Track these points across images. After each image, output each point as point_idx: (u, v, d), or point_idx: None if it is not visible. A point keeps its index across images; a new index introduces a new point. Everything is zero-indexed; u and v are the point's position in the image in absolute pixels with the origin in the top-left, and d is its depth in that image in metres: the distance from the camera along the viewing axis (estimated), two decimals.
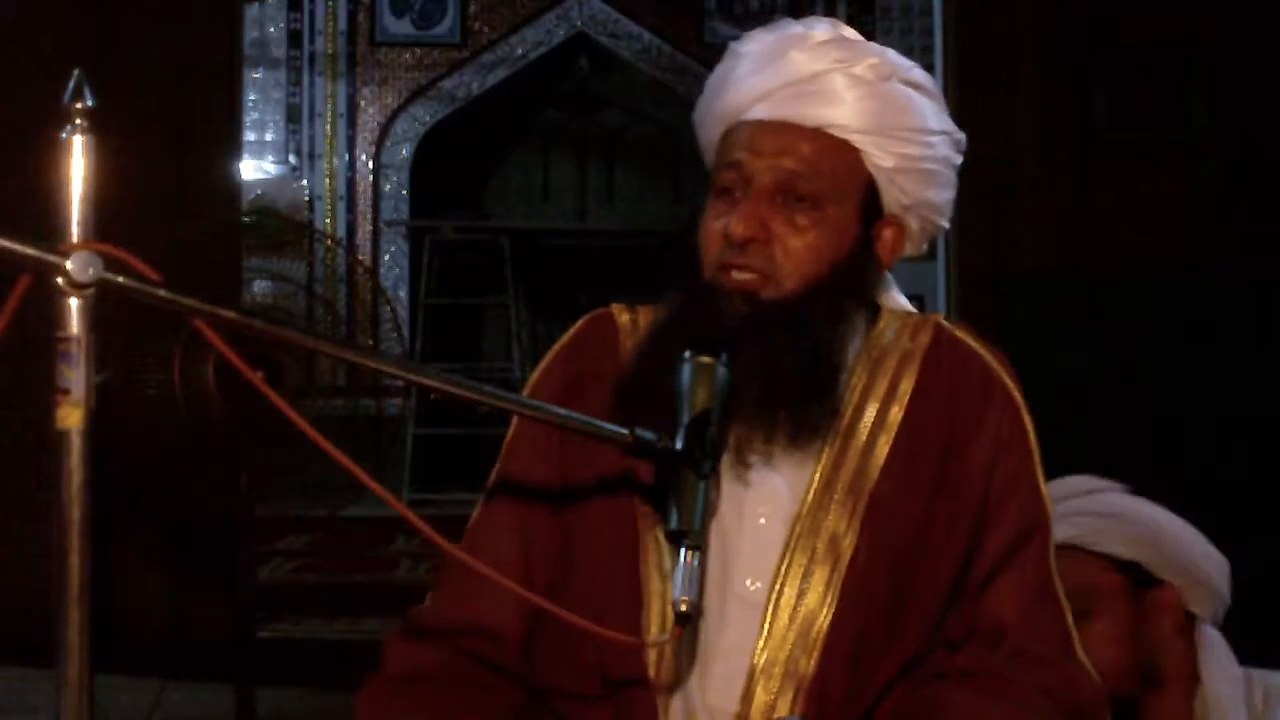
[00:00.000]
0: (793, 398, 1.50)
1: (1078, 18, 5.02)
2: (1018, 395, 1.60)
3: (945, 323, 1.65)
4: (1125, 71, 5.02)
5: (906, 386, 1.58)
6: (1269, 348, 4.93)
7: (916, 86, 1.58)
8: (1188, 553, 2.00)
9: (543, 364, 1.67)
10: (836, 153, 1.52)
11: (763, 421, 1.50)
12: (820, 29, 1.58)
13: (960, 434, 1.57)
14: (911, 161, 1.55)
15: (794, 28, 1.59)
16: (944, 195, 1.60)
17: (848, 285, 1.54)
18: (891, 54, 1.58)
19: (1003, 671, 1.52)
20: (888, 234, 1.58)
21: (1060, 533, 1.92)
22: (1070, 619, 1.58)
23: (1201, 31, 5.01)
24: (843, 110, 1.52)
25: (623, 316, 1.66)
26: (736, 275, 1.50)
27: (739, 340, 1.47)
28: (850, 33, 1.59)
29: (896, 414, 1.57)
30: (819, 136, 1.52)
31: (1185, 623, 1.98)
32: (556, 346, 1.68)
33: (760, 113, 1.54)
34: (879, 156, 1.54)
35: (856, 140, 1.53)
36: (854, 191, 1.53)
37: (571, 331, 1.68)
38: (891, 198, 1.56)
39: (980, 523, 1.56)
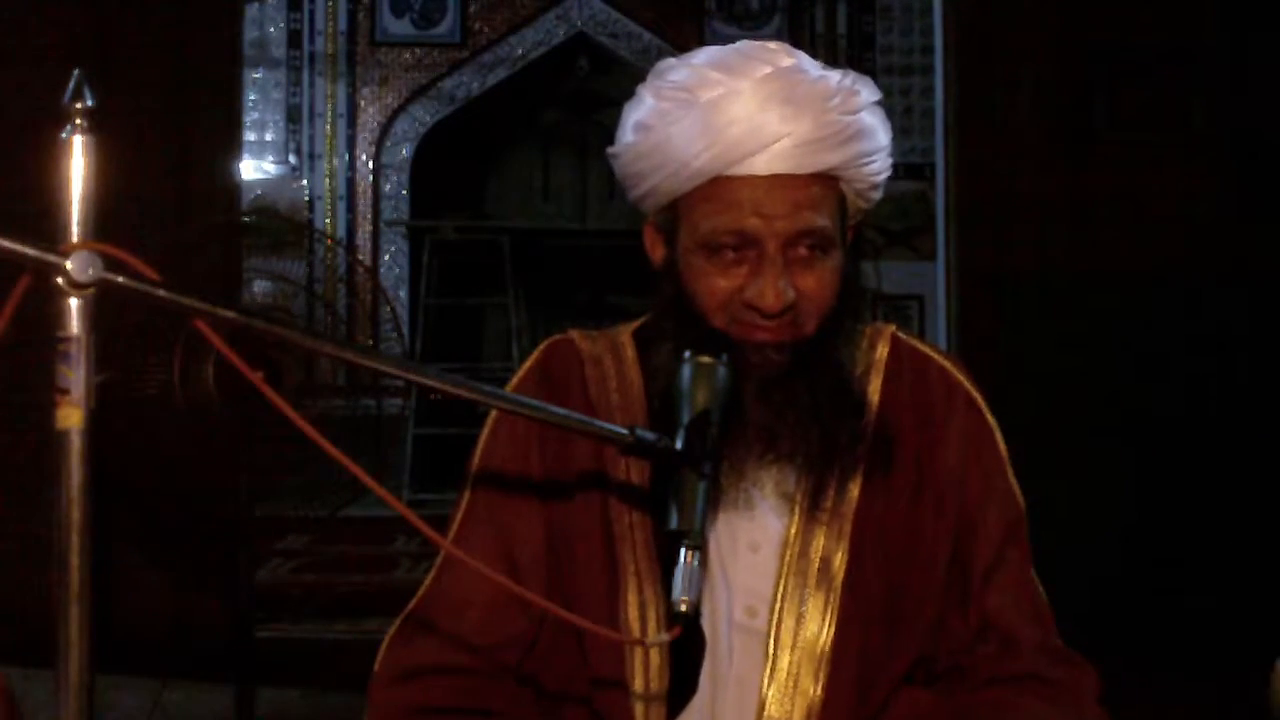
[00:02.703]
0: (837, 430, 1.52)
1: (1077, 18, 5.02)
2: (979, 398, 1.64)
3: (900, 333, 1.67)
4: (1125, 71, 5.02)
5: (873, 399, 1.60)
6: (1268, 347, 4.93)
7: (880, 105, 1.57)
8: None
9: (509, 389, 1.65)
10: (827, 190, 1.51)
11: (806, 458, 1.52)
12: (787, 61, 1.52)
13: (929, 441, 1.60)
14: (877, 176, 1.56)
15: (758, 68, 1.51)
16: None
17: (851, 304, 1.56)
18: (850, 80, 1.54)
19: (1042, 671, 1.56)
20: (850, 237, 1.59)
21: None
22: (1047, 604, 1.63)
23: (1201, 31, 5.01)
24: (832, 155, 1.50)
25: (583, 344, 1.67)
26: (763, 335, 1.50)
27: (775, 385, 1.49)
28: (807, 61, 1.55)
29: (868, 427, 1.58)
30: (817, 181, 1.50)
31: None
32: (521, 374, 1.68)
33: (751, 168, 1.48)
34: (856, 183, 1.54)
35: (841, 173, 1.52)
36: (840, 217, 1.54)
37: (534, 359, 1.68)
38: (855, 208, 1.58)
39: (964, 526, 1.59)
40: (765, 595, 1.54)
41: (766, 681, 1.51)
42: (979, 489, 1.60)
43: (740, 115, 1.48)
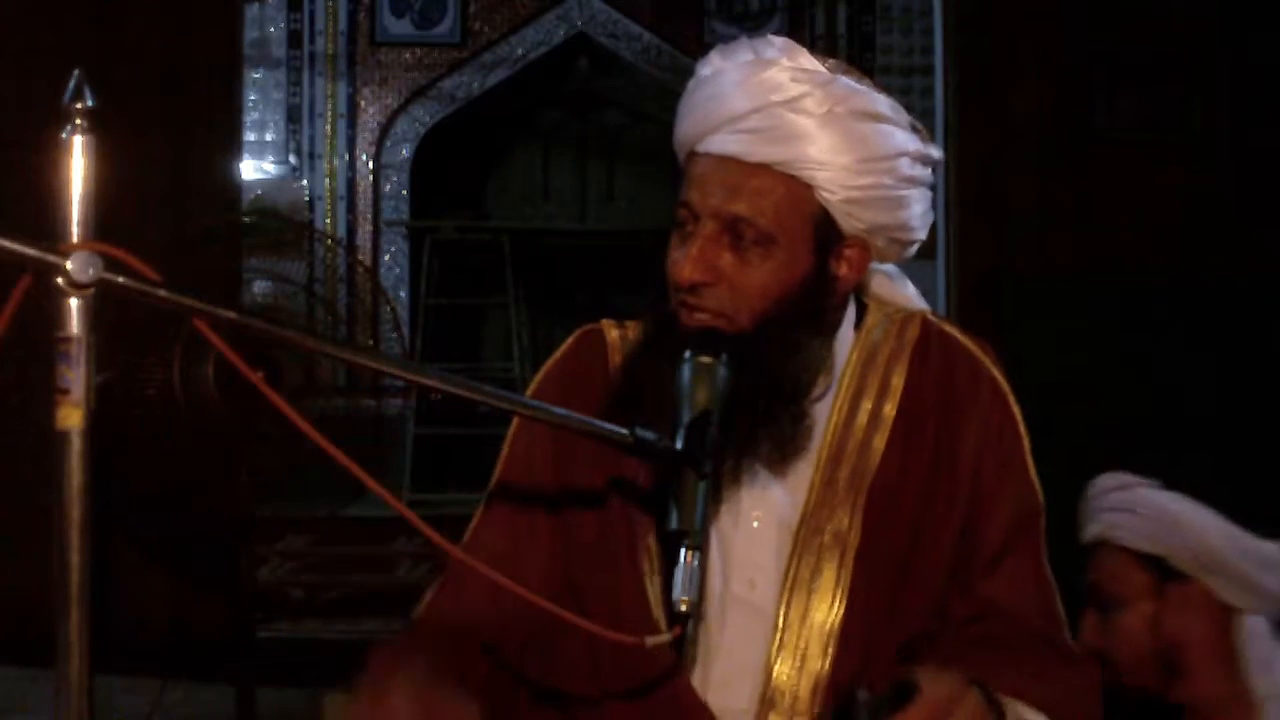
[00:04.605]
0: (749, 428, 1.50)
1: (1077, 18, 5.02)
2: (1005, 385, 1.63)
3: (932, 317, 1.66)
4: (1125, 71, 5.02)
5: (898, 383, 1.60)
6: (1268, 347, 4.93)
7: (867, 116, 1.53)
8: (1214, 547, 2.01)
9: (537, 380, 1.68)
10: (784, 189, 1.50)
11: (732, 446, 1.51)
12: (769, 52, 1.54)
13: (951, 425, 1.59)
14: (862, 191, 1.52)
15: (744, 53, 1.55)
16: (907, 213, 1.58)
17: (800, 316, 1.53)
18: (842, 83, 1.53)
19: (1034, 649, 1.55)
20: (851, 254, 1.57)
21: (1092, 529, 1.98)
22: (1060, 603, 1.61)
23: (1201, 31, 5.01)
24: (788, 148, 1.49)
25: (612, 332, 1.68)
26: (688, 316, 1.51)
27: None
28: (803, 58, 1.54)
29: (890, 410, 1.59)
30: (765, 173, 1.50)
31: (1220, 615, 1.99)
32: (549, 363, 1.69)
33: (710, 146, 1.52)
34: (827, 190, 1.51)
35: (803, 176, 1.50)
36: (804, 224, 1.51)
37: (564, 348, 1.70)
38: (848, 224, 1.54)
39: (974, 509, 1.58)
40: (765, 567, 1.54)
41: (774, 657, 1.51)
42: (993, 477, 1.59)
43: (711, 94, 1.53)
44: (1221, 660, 1.98)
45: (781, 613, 1.52)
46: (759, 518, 1.56)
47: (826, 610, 1.52)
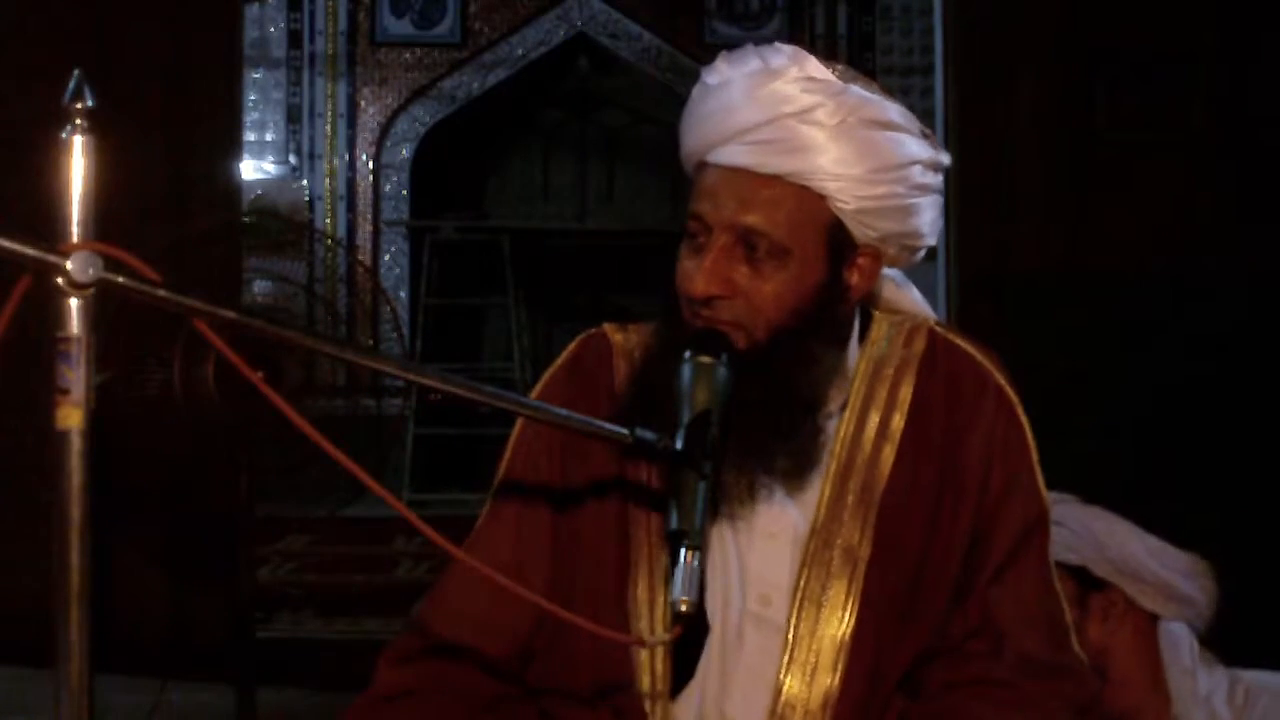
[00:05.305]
0: (766, 442, 1.51)
1: (1077, 18, 5.02)
2: (1012, 395, 1.63)
3: (938, 327, 1.66)
4: (1125, 71, 5.02)
5: (905, 394, 1.59)
6: (1268, 347, 4.93)
7: (879, 125, 1.52)
8: (1130, 555, 2.09)
9: (540, 385, 1.68)
10: (797, 200, 1.49)
11: (748, 461, 1.52)
12: (778, 62, 1.52)
13: (957, 437, 1.59)
14: (875, 201, 1.52)
15: (752, 62, 1.53)
16: (918, 220, 1.58)
17: (815, 326, 1.53)
18: (854, 93, 1.52)
19: (1013, 680, 1.54)
20: (863, 262, 1.56)
21: None
22: (1068, 611, 1.60)
23: (1202, 31, 5.01)
24: (800, 159, 1.48)
25: (616, 336, 1.67)
26: (703, 324, 1.50)
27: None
28: (812, 67, 1.53)
29: (899, 423, 1.58)
30: (778, 184, 1.49)
31: (1143, 622, 2.05)
32: (553, 368, 1.69)
33: (720, 158, 1.51)
34: (841, 200, 1.50)
35: (816, 186, 1.49)
36: (818, 235, 1.51)
37: (567, 353, 1.69)
38: (860, 233, 1.54)
39: (981, 522, 1.58)
40: (780, 584, 1.54)
41: (784, 671, 1.51)
42: (1000, 487, 1.58)
43: (719, 105, 1.52)
44: (1144, 667, 2.03)
45: (792, 628, 1.52)
46: (775, 534, 1.55)
47: (837, 624, 1.52)
